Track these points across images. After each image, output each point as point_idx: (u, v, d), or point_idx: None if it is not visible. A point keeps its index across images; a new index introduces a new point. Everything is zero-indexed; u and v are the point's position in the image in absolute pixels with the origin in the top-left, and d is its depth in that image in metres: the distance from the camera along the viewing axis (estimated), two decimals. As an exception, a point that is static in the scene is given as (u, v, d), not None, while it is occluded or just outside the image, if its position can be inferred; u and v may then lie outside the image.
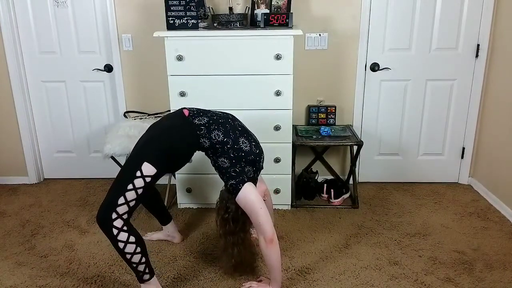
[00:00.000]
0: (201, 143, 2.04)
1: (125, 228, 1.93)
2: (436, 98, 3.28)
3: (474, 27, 3.10)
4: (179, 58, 2.72)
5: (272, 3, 2.93)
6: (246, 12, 2.96)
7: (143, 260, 2.00)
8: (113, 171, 3.41)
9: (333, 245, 2.60)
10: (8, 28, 3.22)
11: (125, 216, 1.93)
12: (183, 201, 3.08)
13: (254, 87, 2.77)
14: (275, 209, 3.03)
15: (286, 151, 2.90)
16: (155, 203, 2.51)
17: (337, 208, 3.08)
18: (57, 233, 2.79)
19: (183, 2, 2.70)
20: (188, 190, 3.03)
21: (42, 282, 2.28)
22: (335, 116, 3.29)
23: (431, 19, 3.10)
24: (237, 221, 2.10)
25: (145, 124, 3.06)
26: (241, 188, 2.01)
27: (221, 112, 2.19)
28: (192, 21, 2.74)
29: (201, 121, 2.05)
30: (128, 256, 1.96)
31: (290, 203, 3.04)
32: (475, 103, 3.26)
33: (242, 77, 2.76)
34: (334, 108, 3.27)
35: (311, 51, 3.20)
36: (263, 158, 2.19)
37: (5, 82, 3.35)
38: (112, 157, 3.00)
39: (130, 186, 1.91)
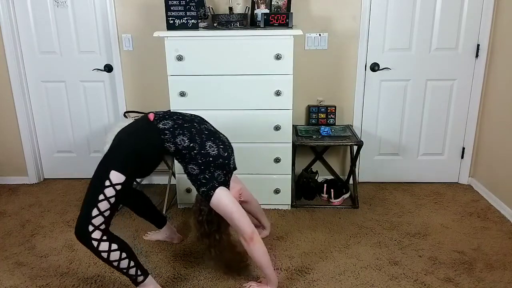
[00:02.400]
0: (166, 148, 1.99)
1: (104, 238, 1.91)
2: (436, 98, 3.28)
3: (474, 27, 3.10)
4: (179, 58, 2.72)
5: (272, 3, 2.93)
6: (246, 12, 2.96)
7: (132, 264, 1.99)
8: (113, 171, 3.43)
9: (333, 245, 2.60)
10: (8, 28, 3.22)
11: (102, 227, 1.91)
12: (183, 201, 3.07)
13: (254, 87, 2.77)
14: (275, 209, 3.03)
15: (286, 151, 2.90)
16: (146, 209, 2.49)
17: (337, 208, 3.08)
18: (57, 233, 2.79)
19: (183, 2, 2.70)
20: (188, 190, 3.03)
21: (42, 282, 2.28)
22: (335, 116, 3.29)
23: (431, 19, 3.10)
24: (211, 223, 2.11)
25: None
26: (212, 194, 2.00)
27: (189, 114, 2.14)
28: (192, 21, 2.74)
29: (166, 125, 1.99)
30: (115, 264, 1.95)
31: (290, 203, 3.04)
32: (475, 103, 3.26)
33: (242, 77, 2.76)
34: (334, 108, 3.27)
35: (311, 51, 3.20)
36: (234, 158, 2.16)
37: (5, 82, 3.35)
38: (112, 157, 2.99)
39: (101, 197, 1.88)
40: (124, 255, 1.96)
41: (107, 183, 1.88)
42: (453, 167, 3.44)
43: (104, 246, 1.91)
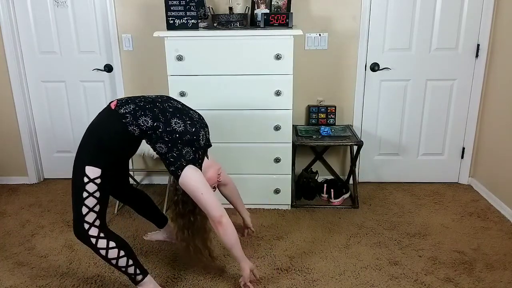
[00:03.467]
0: (130, 132, 1.93)
1: (101, 235, 1.93)
2: (436, 98, 3.28)
3: (474, 27, 3.10)
4: (179, 58, 2.72)
5: (272, 3, 2.93)
6: (246, 12, 2.96)
7: (130, 262, 1.99)
8: (113, 171, 3.43)
9: (333, 245, 2.60)
10: (8, 28, 3.22)
11: (97, 223, 1.93)
12: (183, 201, 3.07)
13: (254, 87, 2.77)
14: (275, 209, 3.03)
15: (286, 151, 2.90)
16: (147, 208, 2.49)
17: (337, 208, 3.08)
18: (57, 233, 2.79)
19: (183, 2, 2.70)
20: (188, 190, 3.02)
21: (42, 282, 2.28)
22: (335, 116, 3.29)
23: (431, 19, 3.10)
24: (186, 203, 2.07)
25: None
26: (180, 174, 1.95)
27: (154, 95, 2.09)
28: (192, 21, 2.74)
29: (127, 109, 1.94)
30: (114, 262, 1.96)
31: (290, 203, 3.04)
32: (475, 103, 3.26)
33: (242, 77, 2.76)
34: (334, 108, 3.27)
35: (311, 51, 3.20)
36: (205, 135, 2.10)
37: (5, 82, 3.35)
38: (112, 157, 3.00)
39: (85, 194, 1.89)
40: (122, 253, 1.96)
41: (86, 179, 1.88)
42: (453, 167, 3.44)
43: (102, 243, 1.93)
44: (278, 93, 2.77)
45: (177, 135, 1.95)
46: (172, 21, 2.73)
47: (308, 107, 3.32)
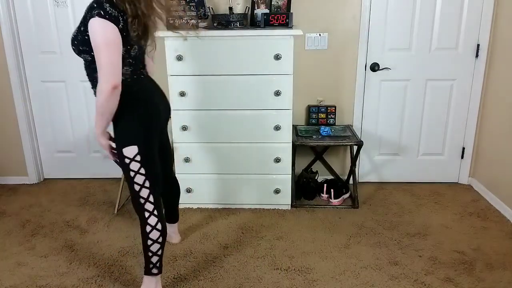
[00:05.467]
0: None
1: (155, 213, 2.00)
2: (436, 98, 3.28)
3: (474, 27, 3.10)
4: (179, 58, 2.72)
5: (272, 3, 2.93)
6: (246, 12, 2.96)
7: (159, 252, 2.05)
8: (113, 171, 3.43)
9: (333, 245, 2.60)
10: (8, 28, 3.22)
11: (151, 198, 1.98)
12: (183, 201, 3.07)
13: (254, 87, 2.77)
14: (275, 209, 3.04)
15: (286, 151, 2.90)
16: (172, 199, 2.49)
17: (337, 208, 3.08)
18: (57, 233, 2.79)
19: (183, 2, 2.70)
20: (188, 190, 3.03)
21: (42, 282, 2.28)
22: (335, 116, 3.29)
23: (431, 19, 3.10)
24: None
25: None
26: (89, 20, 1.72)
27: None
28: (192, 21, 2.73)
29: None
30: (149, 242, 2.01)
31: (290, 203, 3.04)
32: (475, 103, 3.25)
33: (242, 77, 2.76)
34: (334, 108, 3.27)
35: (311, 51, 3.20)
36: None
37: (5, 82, 3.35)
38: (112, 157, 3.00)
39: (132, 174, 1.95)
40: (160, 239, 2.03)
41: (127, 160, 1.93)
42: (453, 167, 3.44)
43: (152, 220, 1.99)
44: (278, 93, 2.77)
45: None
46: (172, 21, 2.73)
47: (308, 107, 3.32)
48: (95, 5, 1.72)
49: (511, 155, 2.89)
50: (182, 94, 2.79)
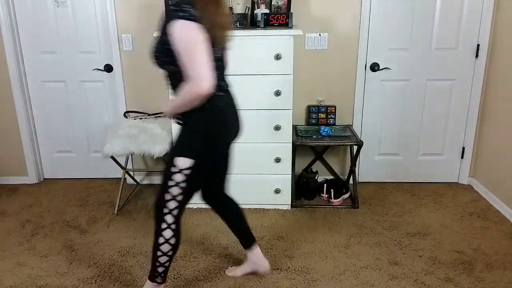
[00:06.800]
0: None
1: (173, 227, 1.93)
2: (436, 98, 3.28)
3: (474, 27, 3.10)
4: (179, 58, 2.72)
5: (272, 3, 2.93)
6: (246, 12, 2.96)
7: (167, 264, 2.00)
8: (113, 171, 3.43)
9: (333, 245, 2.60)
10: (8, 28, 3.22)
11: (175, 212, 1.92)
12: (183, 201, 3.07)
13: (254, 87, 2.77)
14: (275, 209, 3.03)
15: (286, 151, 2.90)
16: (235, 220, 2.26)
17: (337, 208, 3.08)
18: (57, 233, 2.79)
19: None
20: (188, 190, 3.02)
21: (42, 282, 2.28)
22: (335, 116, 3.28)
23: (431, 19, 3.10)
24: None
25: (145, 124, 3.06)
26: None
27: None
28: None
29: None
30: (159, 253, 1.96)
31: (290, 203, 3.04)
32: (475, 103, 3.25)
33: (242, 77, 2.75)
34: (334, 108, 3.27)
35: (311, 51, 3.20)
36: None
37: (5, 82, 3.35)
38: (112, 157, 3.00)
39: (170, 183, 1.87)
40: (170, 253, 1.97)
41: (174, 169, 1.85)
42: (453, 167, 3.44)
43: (168, 233, 1.93)
44: (278, 93, 2.77)
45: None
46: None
47: (308, 107, 3.32)
48: (176, 8, 1.66)
49: (511, 155, 2.89)
50: (182, 94, 2.79)
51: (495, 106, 3.09)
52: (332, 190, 3.12)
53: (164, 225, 1.93)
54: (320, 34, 3.16)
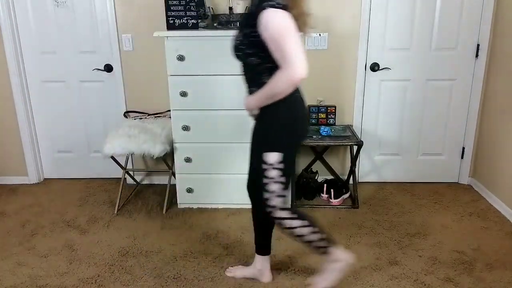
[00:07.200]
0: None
1: (289, 215, 1.91)
2: (436, 98, 3.28)
3: (474, 27, 3.10)
4: (179, 58, 2.72)
5: (272, 3, 2.92)
6: (247, 12, 2.96)
7: (323, 236, 1.95)
8: (113, 171, 3.43)
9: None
10: (8, 28, 3.22)
11: (278, 202, 1.89)
12: (183, 201, 3.07)
13: (254, 87, 2.76)
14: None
15: (286, 151, 2.90)
16: (267, 227, 2.19)
17: (337, 208, 3.08)
18: (57, 233, 2.79)
19: (183, 2, 2.70)
20: (188, 190, 3.03)
21: (42, 282, 2.28)
22: (335, 116, 3.28)
23: (431, 19, 3.10)
24: None
25: (145, 124, 3.06)
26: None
27: None
28: (192, 21, 2.74)
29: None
30: (311, 238, 1.93)
31: (290, 203, 3.04)
32: (475, 103, 3.25)
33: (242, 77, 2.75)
34: (334, 108, 3.27)
35: (311, 51, 3.20)
36: None
37: (5, 82, 3.35)
38: (112, 157, 3.00)
39: (265, 180, 1.86)
40: (314, 229, 1.92)
41: (266, 166, 1.84)
42: (453, 167, 3.44)
43: (295, 223, 1.90)
44: (278, 93, 2.76)
45: None
46: (172, 21, 2.73)
47: (308, 107, 3.31)
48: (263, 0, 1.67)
49: (511, 155, 2.89)
50: (183, 94, 2.79)
51: (495, 106, 3.09)
52: (332, 190, 3.12)
53: (286, 223, 1.90)
54: (320, 34, 3.16)
